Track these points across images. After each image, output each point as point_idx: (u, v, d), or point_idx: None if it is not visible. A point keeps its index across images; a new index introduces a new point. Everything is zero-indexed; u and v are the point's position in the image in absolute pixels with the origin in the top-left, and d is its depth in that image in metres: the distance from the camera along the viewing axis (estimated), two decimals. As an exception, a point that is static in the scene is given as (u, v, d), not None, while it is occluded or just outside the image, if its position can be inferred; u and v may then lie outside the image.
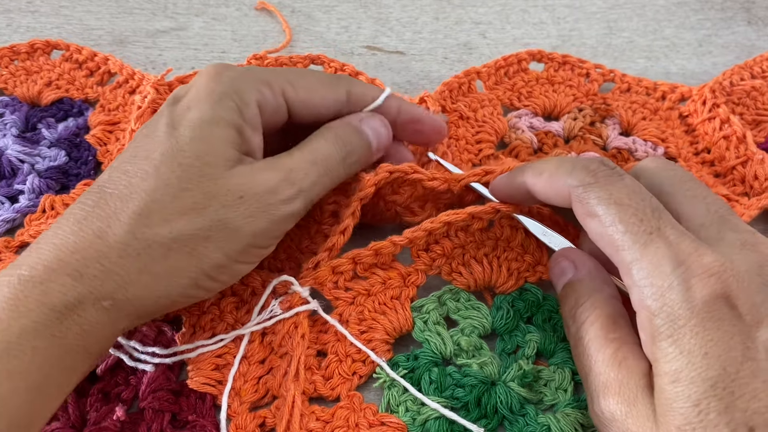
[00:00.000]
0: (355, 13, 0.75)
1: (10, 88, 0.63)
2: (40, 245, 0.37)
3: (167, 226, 0.38)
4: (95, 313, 0.36)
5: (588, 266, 0.42)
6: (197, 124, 0.40)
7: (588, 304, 0.40)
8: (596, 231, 0.38)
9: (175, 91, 0.44)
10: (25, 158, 0.57)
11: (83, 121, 0.61)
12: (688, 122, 0.62)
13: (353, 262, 0.48)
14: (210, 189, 0.39)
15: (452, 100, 0.61)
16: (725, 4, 0.77)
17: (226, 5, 0.75)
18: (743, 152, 0.57)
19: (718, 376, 0.32)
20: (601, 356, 0.38)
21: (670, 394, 0.33)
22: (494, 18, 0.75)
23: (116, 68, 0.64)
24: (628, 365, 0.36)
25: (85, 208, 0.38)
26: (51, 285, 0.35)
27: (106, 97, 0.63)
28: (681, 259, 0.34)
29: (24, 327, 0.34)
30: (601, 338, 0.38)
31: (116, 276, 0.37)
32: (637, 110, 0.62)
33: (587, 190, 0.38)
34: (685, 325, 0.33)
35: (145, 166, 0.39)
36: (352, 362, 0.45)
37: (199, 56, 0.70)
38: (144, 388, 0.43)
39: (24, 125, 0.60)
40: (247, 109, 0.42)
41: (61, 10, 0.73)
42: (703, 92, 0.61)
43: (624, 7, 0.77)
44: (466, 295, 0.48)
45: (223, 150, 0.40)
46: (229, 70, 0.43)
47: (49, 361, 0.35)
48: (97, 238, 0.37)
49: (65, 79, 0.64)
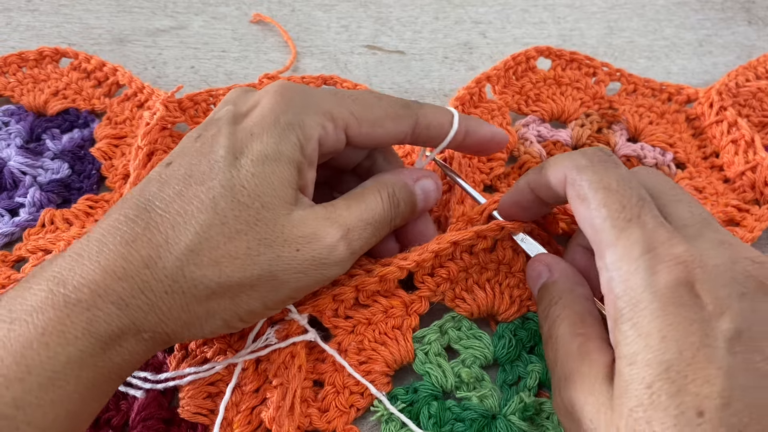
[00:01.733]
0: (355, 12, 0.74)
1: (16, 96, 0.61)
2: (84, 262, 0.35)
3: (217, 269, 0.36)
4: (135, 344, 0.36)
5: (561, 268, 0.43)
6: (260, 159, 0.38)
7: (560, 303, 0.40)
8: (582, 215, 0.38)
9: (236, 99, 0.42)
10: (28, 170, 0.56)
11: (89, 133, 0.59)
12: (695, 125, 0.61)
13: (356, 290, 0.46)
14: (266, 236, 0.37)
15: (465, 112, 0.59)
16: (725, 4, 0.76)
17: (226, 4, 0.74)
18: (752, 157, 0.56)
19: (673, 359, 0.31)
20: (565, 350, 0.38)
21: (626, 376, 0.33)
22: (494, 17, 0.74)
23: (125, 80, 0.63)
24: (591, 358, 0.36)
25: (135, 228, 0.36)
26: (97, 312, 0.34)
27: (113, 109, 0.61)
28: (652, 245, 0.34)
29: (70, 356, 0.33)
30: (568, 334, 0.38)
31: (159, 311, 0.36)
32: (644, 114, 0.61)
33: (580, 173, 0.38)
34: (646, 308, 0.33)
35: (201, 195, 0.37)
36: (349, 394, 0.44)
37: (199, 55, 0.69)
38: (134, 415, 0.42)
39: (29, 135, 0.59)
40: (309, 144, 0.40)
41: (61, 9, 0.72)
42: (710, 94, 0.61)
43: (624, 7, 0.76)
44: (468, 323, 0.47)
45: (283, 191, 0.39)
46: (297, 96, 0.41)
47: (90, 390, 0.34)
48: (145, 267, 0.35)
49: (72, 88, 0.62)
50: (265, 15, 0.72)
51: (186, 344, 0.45)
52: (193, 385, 0.43)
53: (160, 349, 0.38)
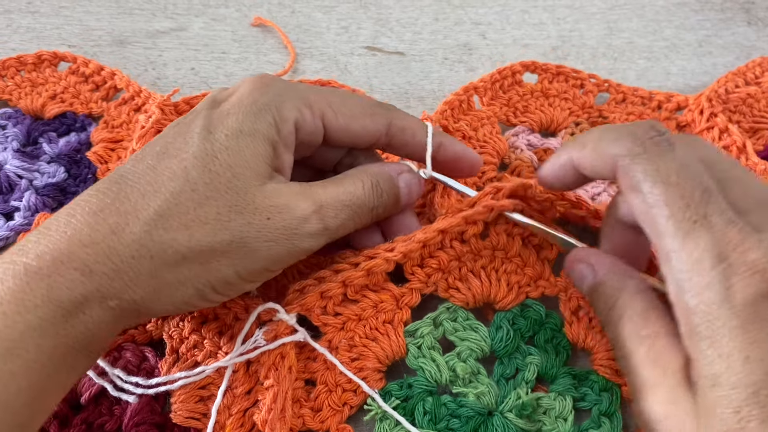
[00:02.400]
0: (355, 13, 0.74)
1: (14, 100, 0.61)
2: (50, 232, 0.35)
3: (186, 232, 0.36)
4: (101, 312, 0.34)
5: (606, 265, 0.40)
6: (234, 133, 0.39)
7: (617, 306, 0.38)
8: (639, 208, 0.35)
9: (215, 94, 0.42)
10: (24, 174, 0.55)
11: (86, 136, 0.59)
12: (686, 132, 0.60)
13: (343, 285, 0.45)
14: (236, 203, 0.37)
15: (454, 119, 0.59)
16: (725, 4, 0.75)
17: (226, 6, 0.74)
18: (744, 162, 0.56)
19: (759, 381, 0.29)
20: (635, 356, 0.35)
21: (710, 398, 0.31)
22: (494, 19, 0.74)
23: (122, 84, 0.63)
24: (663, 362, 0.34)
25: (104, 199, 0.36)
26: (58, 279, 0.33)
27: (110, 113, 0.61)
28: (724, 254, 0.31)
29: (29, 324, 0.32)
30: (634, 337, 0.36)
31: (126, 276, 0.35)
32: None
33: (634, 161, 0.35)
34: (724, 326, 0.30)
35: (174, 166, 0.37)
36: (342, 392, 0.43)
37: (199, 57, 0.69)
38: (127, 420, 0.42)
39: (25, 138, 0.59)
40: (284, 125, 0.40)
41: (62, 11, 0.72)
42: (699, 101, 0.60)
43: (624, 8, 0.75)
44: (464, 313, 0.46)
45: (256, 164, 0.39)
46: (275, 83, 0.42)
47: (52, 361, 0.33)
48: (112, 233, 0.35)
49: (70, 92, 0.62)
50: (265, 17, 0.72)
51: (176, 348, 0.44)
52: (184, 389, 0.43)
53: (130, 323, 0.37)
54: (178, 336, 0.44)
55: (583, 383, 0.44)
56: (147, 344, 0.46)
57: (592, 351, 0.45)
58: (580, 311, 0.46)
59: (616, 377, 0.44)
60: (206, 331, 0.44)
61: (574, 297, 0.46)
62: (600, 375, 0.44)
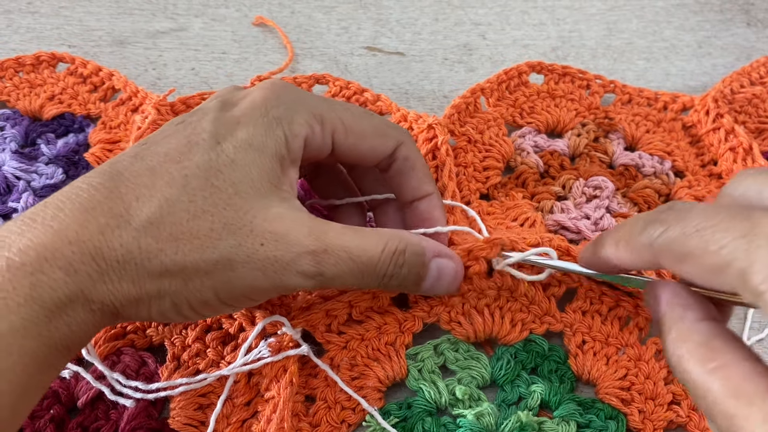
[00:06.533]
0: (355, 14, 0.72)
1: (12, 101, 0.60)
2: (35, 226, 0.32)
3: (174, 245, 0.34)
4: (83, 314, 0.32)
5: (666, 295, 0.34)
6: (243, 146, 0.36)
7: (676, 341, 0.32)
8: (692, 273, 0.30)
9: (226, 93, 0.40)
10: (22, 175, 0.54)
11: (84, 137, 0.58)
12: (692, 133, 0.59)
13: (349, 306, 0.44)
14: (233, 221, 0.35)
15: (461, 122, 0.57)
16: (724, 5, 0.73)
17: (226, 6, 0.72)
18: (751, 164, 0.54)
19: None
20: (711, 396, 0.29)
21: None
22: (494, 19, 0.72)
23: (120, 84, 0.61)
24: (744, 398, 0.28)
25: (96, 195, 0.34)
26: (41, 277, 0.31)
27: (108, 114, 0.59)
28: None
29: (12, 325, 0.30)
30: (703, 374, 0.30)
31: (108, 280, 0.33)
32: (641, 123, 0.59)
33: (663, 238, 0.31)
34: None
35: (174, 171, 0.35)
36: (341, 410, 0.42)
37: (199, 57, 0.67)
38: (123, 425, 0.41)
39: (24, 140, 0.57)
40: (294, 141, 0.38)
41: (61, 11, 0.70)
42: (705, 102, 0.59)
43: (623, 9, 0.73)
44: (465, 346, 0.45)
45: (260, 184, 0.36)
46: (288, 93, 0.39)
47: (35, 361, 0.31)
48: (100, 233, 0.33)
49: (68, 93, 0.61)
50: (265, 17, 0.70)
51: (178, 355, 0.43)
52: (184, 396, 0.42)
53: (108, 324, 0.35)
54: (180, 343, 0.43)
55: (589, 410, 0.42)
56: (146, 349, 0.44)
57: (597, 383, 0.44)
58: (585, 345, 0.45)
59: (622, 406, 0.42)
60: (209, 340, 0.43)
61: (579, 332, 0.45)
62: (605, 403, 0.42)
